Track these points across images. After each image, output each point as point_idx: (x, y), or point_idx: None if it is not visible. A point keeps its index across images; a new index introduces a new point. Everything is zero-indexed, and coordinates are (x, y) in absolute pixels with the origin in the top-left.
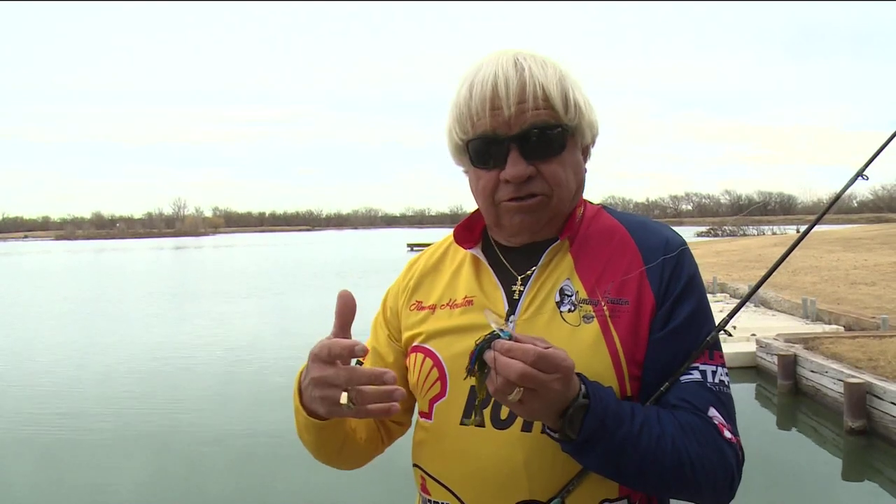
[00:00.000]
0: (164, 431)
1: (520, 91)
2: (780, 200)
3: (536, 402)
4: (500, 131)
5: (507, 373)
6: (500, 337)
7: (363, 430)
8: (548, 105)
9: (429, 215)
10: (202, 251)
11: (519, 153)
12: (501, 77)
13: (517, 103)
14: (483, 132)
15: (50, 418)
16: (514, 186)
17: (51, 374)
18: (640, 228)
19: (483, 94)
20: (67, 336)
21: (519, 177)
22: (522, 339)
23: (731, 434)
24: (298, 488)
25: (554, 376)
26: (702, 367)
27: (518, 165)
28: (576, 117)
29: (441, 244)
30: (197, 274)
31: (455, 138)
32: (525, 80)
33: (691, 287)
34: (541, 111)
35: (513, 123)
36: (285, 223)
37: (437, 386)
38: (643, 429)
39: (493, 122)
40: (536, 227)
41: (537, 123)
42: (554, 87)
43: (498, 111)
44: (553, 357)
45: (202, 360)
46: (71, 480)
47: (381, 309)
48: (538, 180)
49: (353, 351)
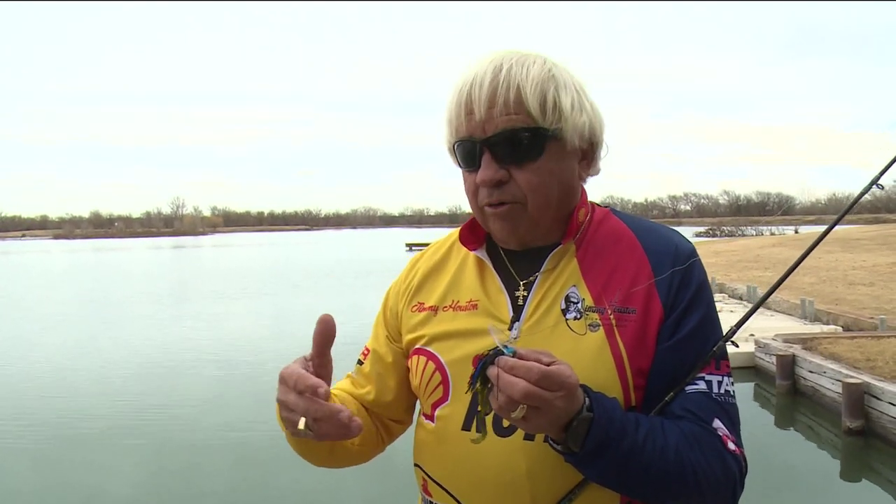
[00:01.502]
0: (161, 431)
1: (490, 94)
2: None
3: (540, 419)
4: (474, 135)
5: (509, 391)
6: (503, 353)
7: (356, 438)
8: (521, 109)
9: (427, 215)
10: (200, 251)
11: (491, 157)
12: (477, 80)
13: (487, 108)
14: (462, 136)
15: (45, 418)
16: (487, 191)
17: (47, 373)
18: (649, 234)
19: (460, 99)
20: (64, 335)
21: (488, 181)
22: (526, 354)
23: (734, 446)
24: (296, 488)
25: (557, 394)
26: (708, 377)
27: (488, 169)
28: (557, 121)
29: (444, 242)
30: (194, 273)
31: (445, 141)
32: (498, 83)
33: (700, 296)
34: (512, 115)
35: (486, 126)
36: (284, 223)
37: (439, 390)
38: (647, 440)
39: (468, 125)
40: (518, 234)
41: (507, 127)
42: (531, 90)
43: (472, 115)
44: (557, 375)
45: (199, 360)
46: (67, 480)
47: (382, 309)
48: (512, 185)
49: (317, 392)
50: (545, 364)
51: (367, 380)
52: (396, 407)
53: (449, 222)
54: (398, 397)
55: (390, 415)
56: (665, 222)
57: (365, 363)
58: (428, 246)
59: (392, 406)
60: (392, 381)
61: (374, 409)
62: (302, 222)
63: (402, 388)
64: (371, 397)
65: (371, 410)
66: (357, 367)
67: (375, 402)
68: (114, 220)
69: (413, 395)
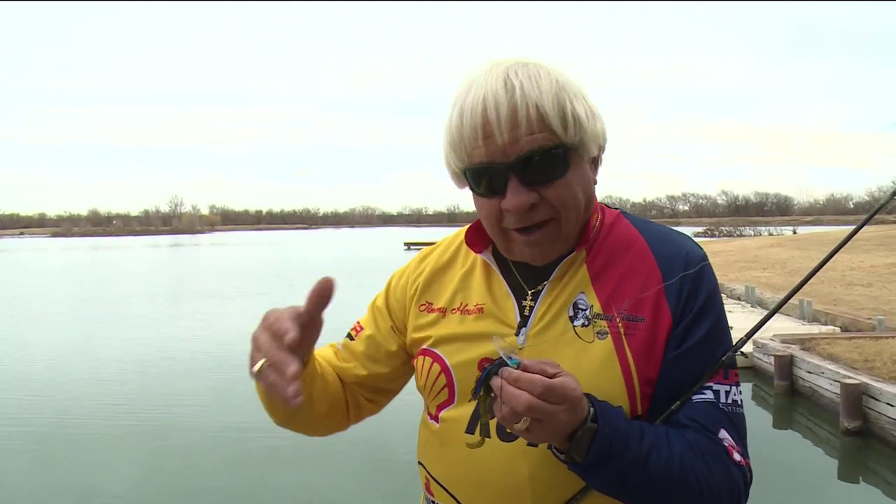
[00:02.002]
0: (157, 431)
1: (511, 116)
2: (777, 201)
3: (543, 431)
4: (496, 160)
5: (513, 403)
6: (507, 364)
7: (324, 404)
8: (544, 127)
9: (426, 214)
10: (198, 249)
11: (518, 181)
12: (491, 101)
13: (510, 130)
14: (479, 162)
15: (40, 417)
16: (517, 216)
17: (42, 372)
18: (660, 240)
19: (474, 123)
20: (60, 334)
21: (521, 207)
22: (531, 366)
23: (740, 456)
24: (294, 487)
25: (561, 407)
26: (716, 386)
27: (519, 195)
28: (577, 133)
29: (453, 241)
30: (192, 272)
31: (452, 166)
32: (516, 103)
33: (710, 304)
34: (536, 135)
35: (508, 151)
36: (282, 221)
37: (444, 392)
38: (651, 451)
39: (487, 150)
40: (549, 253)
41: (535, 148)
42: (550, 106)
43: (491, 139)
44: (561, 388)
45: (195, 359)
46: (64, 479)
47: (385, 296)
48: (543, 206)
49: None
50: (550, 375)
51: (353, 356)
52: (377, 390)
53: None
54: (382, 382)
55: (367, 395)
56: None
57: (357, 340)
58: (439, 242)
59: (372, 388)
60: (383, 368)
61: (353, 386)
62: (300, 221)
63: (389, 376)
64: (353, 374)
65: (347, 384)
66: (346, 340)
67: (357, 380)
68: (112, 219)
69: (397, 383)
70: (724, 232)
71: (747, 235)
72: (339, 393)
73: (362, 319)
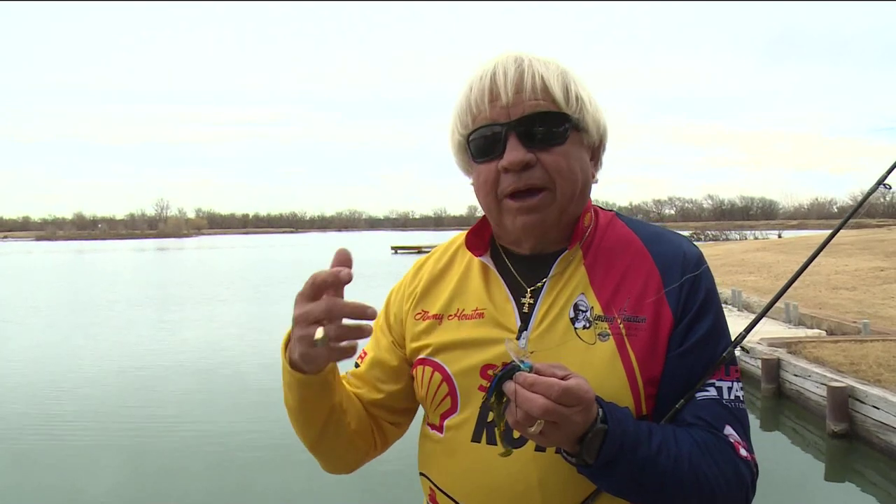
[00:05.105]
0: (140, 435)
1: (518, 79)
2: (763, 205)
3: (557, 434)
4: (499, 120)
5: (529, 407)
6: (520, 368)
7: (353, 418)
8: (547, 95)
9: (412, 218)
10: (184, 252)
11: (517, 139)
12: (500, 68)
13: (515, 92)
14: (482, 123)
15: (22, 420)
16: (513, 176)
17: (27, 376)
18: (656, 240)
19: (482, 87)
20: (44, 338)
21: (517, 162)
22: (544, 370)
23: (746, 452)
24: (276, 492)
25: (576, 409)
26: (718, 383)
27: (516, 151)
28: (578, 110)
29: (448, 246)
30: (177, 276)
31: (457, 136)
32: (524, 70)
33: (709, 303)
34: (539, 100)
35: (511, 111)
36: (268, 225)
37: (447, 401)
38: (661, 450)
39: (491, 111)
40: (542, 230)
41: (536, 110)
42: (554, 79)
43: (496, 101)
44: (576, 390)
45: (178, 363)
46: (47, 483)
47: (384, 314)
48: (538, 170)
49: (339, 277)
50: (560, 378)
51: (363, 383)
52: (395, 410)
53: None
54: (398, 402)
55: (388, 417)
56: None
57: (363, 366)
58: (433, 251)
59: (390, 409)
60: (394, 386)
61: (372, 410)
62: (287, 224)
63: (403, 393)
64: (369, 399)
65: (369, 411)
66: (353, 369)
67: (374, 403)
68: (97, 222)
69: (412, 401)
70: (711, 236)
71: (733, 239)
72: (362, 412)
73: (366, 346)
